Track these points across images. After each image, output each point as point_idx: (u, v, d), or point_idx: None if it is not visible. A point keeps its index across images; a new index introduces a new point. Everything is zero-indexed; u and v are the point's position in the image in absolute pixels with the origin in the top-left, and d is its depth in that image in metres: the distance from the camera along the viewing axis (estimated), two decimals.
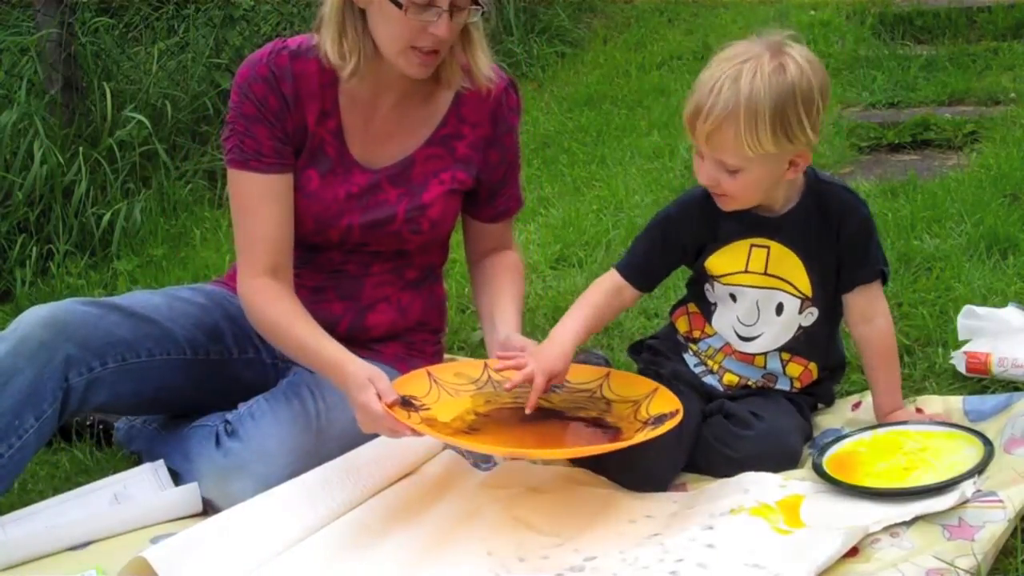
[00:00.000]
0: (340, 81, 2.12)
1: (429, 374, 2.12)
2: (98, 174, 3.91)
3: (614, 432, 1.99)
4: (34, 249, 3.63)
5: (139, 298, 2.21)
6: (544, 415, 2.02)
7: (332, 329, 2.23)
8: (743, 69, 1.89)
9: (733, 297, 2.08)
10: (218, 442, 2.07)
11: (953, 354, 2.30)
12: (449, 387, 2.11)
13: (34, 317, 2.04)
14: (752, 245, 2.06)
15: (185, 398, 2.22)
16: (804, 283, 2.06)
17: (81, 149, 3.89)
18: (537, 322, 2.82)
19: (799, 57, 1.93)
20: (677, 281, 2.59)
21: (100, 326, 2.06)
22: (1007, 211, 3.05)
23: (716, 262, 2.08)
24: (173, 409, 2.27)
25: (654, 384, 2.09)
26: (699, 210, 2.08)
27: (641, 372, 2.24)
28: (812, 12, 5.73)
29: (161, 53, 4.75)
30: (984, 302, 2.48)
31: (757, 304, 2.07)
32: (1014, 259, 2.75)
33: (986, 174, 3.41)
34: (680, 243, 2.11)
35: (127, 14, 5.24)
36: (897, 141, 4.11)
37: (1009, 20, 5.30)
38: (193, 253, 3.70)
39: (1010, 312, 2.35)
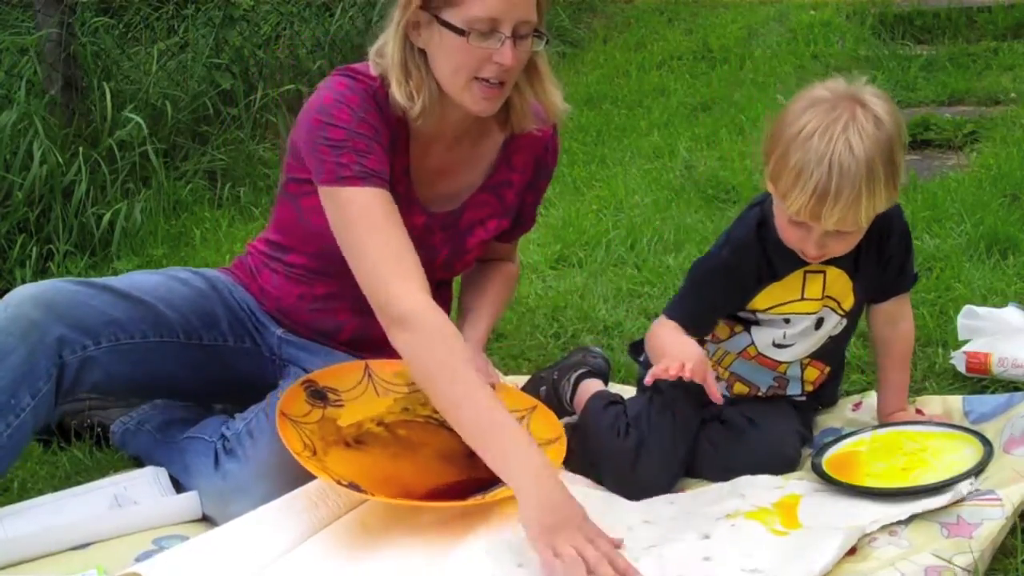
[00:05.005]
0: (409, 121, 2.06)
1: (367, 367, 2.12)
2: (98, 174, 3.91)
3: (482, 478, 1.93)
4: (34, 249, 3.63)
5: (134, 279, 2.18)
6: (448, 431, 1.95)
7: (334, 335, 2.23)
8: (850, 137, 1.77)
9: (787, 320, 2.03)
10: (216, 461, 2.05)
11: (953, 354, 2.30)
12: (381, 386, 2.11)
13: (23, 296, 2.01)
14: (806, 272, 1.99)
15: (180, 384, 2.21)
16: (849, 302, 2.03)
17: (81, 149, 3.89)
18: (537, 322, 2.82)
19: (880, 100, 1.84)
20: (676, 280, 2.59)
21: (92, 305, 2.04)
22: (1007, 211, 3.05)
23: (765, 296, 2.01)
24: (170, 396, 2.27)
25: (560, 431, 2.07)
26: (756, 252, 1.98)
27: (639, 377, 2.23)
28: (812, 12, 5.73)
29: (161, 53, 4.75)
30: (984, 302, 2.48)
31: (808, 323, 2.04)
32: (1014, 259, 2.75)
33: (986, 174, 3.41)
34: (744, 289, 2.00)
35: (127, 14, 5.24)
36: None
37: (1009, 20, 5.30)
38: (193, 253, 3.70)
39: (1010, 312, 2.35)
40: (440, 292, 2.32)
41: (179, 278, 2.22)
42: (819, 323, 2.04)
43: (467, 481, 1.96)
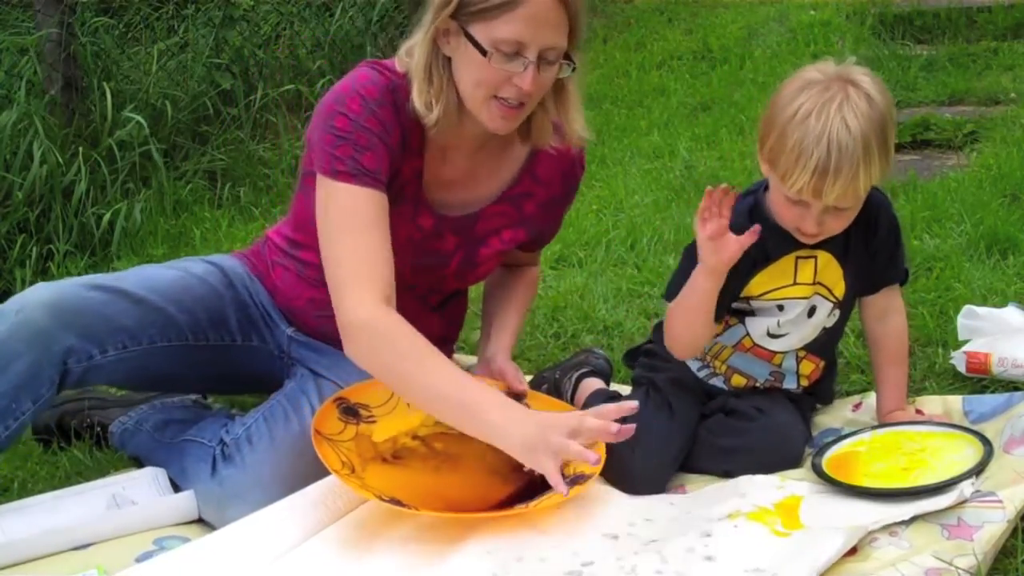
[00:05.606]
0: (426, 127, 2.03)
1: None
2: (98, 174, 3.91)
3: (532, 485, 1.92)
4: (34, 249, 3.63)
5: (148, 277, 2.16)
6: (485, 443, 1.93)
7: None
8: (845, 115, 1.83)
9: (780, 307, 2.04)
10: (214, 467, 2.03)
11: (953, 354, 2.30)
12: None
13: (35, 299, 2.01)
14: (797, 257, 2.01)
15: (181, 382, 2.22)
16: (840, 289, 2.04)
17: (81, 149, 3.89)
18: (537, 322, 2.82)
19: (870, 79, 1.89)
20: None
21: (104, 314, 2.04)
22: (1007, 211, 3.05)
23: (759, 281, 2.02)
24: (170, 390, 2.28)
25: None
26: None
27: (634, 380, 2.23)
28: (812, 12, 5.74)
29: (161, 53, 4.75)
30: (984, 302, 2.48)
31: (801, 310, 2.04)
32: (1014, 259, 2.75)
33: (986, 174, 3.41)
34: (736, 272, 1.98)
35: (127, 14, 5.25)
36: (897, 141, 4.09)
37: (1009, 20, 5.31)
38: (193, 253, 3.69)
39: (1010, 312, 2.35)
40: (454, 302, 2.31)
41: (194, 274, 2.21)
42: (812, 311, 2.05)
43: (515, 494, 1.93)
